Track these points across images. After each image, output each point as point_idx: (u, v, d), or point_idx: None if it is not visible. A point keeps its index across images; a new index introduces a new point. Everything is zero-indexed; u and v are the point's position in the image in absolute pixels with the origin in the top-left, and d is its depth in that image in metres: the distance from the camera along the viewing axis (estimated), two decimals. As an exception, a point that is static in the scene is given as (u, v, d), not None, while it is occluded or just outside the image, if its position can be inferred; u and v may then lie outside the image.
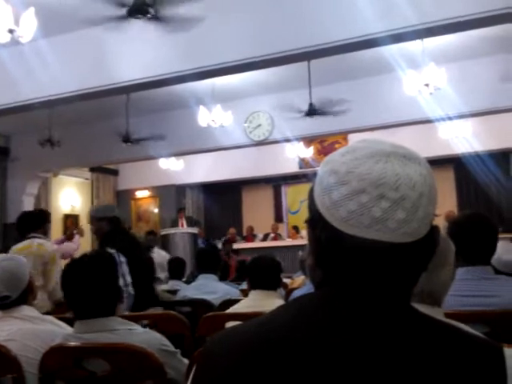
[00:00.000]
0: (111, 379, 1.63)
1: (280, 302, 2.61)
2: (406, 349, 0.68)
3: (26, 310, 2.04)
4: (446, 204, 10.29)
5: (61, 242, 5.80)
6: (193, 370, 0.79)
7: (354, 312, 0.71)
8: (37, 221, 4.21)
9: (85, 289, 1.76)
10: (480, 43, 6.48)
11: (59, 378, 1.74)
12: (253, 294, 2.75)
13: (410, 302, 0.75)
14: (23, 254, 3.90)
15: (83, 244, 11.93)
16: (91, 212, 4.03)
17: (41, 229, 4.14)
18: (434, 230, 0.76)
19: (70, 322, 1.97)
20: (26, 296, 2.09)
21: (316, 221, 0.76)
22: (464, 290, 1.80)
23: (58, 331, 1.93)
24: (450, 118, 7.58)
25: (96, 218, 3.83)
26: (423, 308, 0.78)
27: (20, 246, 4.00)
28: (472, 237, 1.87)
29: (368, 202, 0.70)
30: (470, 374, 0.67)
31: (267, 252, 5.68)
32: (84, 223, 12.05)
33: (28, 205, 9.57)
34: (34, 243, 4.02)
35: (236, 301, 2.93)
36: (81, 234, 6.14)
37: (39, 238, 4.09)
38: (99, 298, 1.77)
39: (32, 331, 1.95)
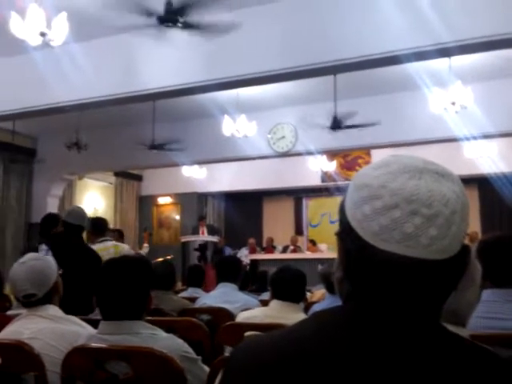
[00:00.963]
0: (133, 382, 1.65)
1: (302, 315, 2.59)
2: (434, 368, 0.67)
3: (51, 310, 2.07)
4: (470, 225, 10.12)
5: None
6: (218, 378, 0.80)
7: (380, 328, 0.71)
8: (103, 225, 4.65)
9: (119, 290, 1.78)
10: (508, 63, 6.43)
11: (81, 378, 1.76)
12: (274, 303, 2.71)
13: (439, 321, 0.75)
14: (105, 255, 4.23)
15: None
16: (66, 215, 4.11)
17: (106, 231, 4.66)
18: (465, 248, 0.76)
19: (94, 324, 2.00)
20: (51, 295, 2.12)
21: (346, 233, 0.76)
22: (489, 312, 1.78)
23: (81, 332, 1.96)
24: (475, 138, 7.51)
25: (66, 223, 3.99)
26: (448, 327, 0.78)
27: (97, 247, 4.32)
28: (501, 258, 1.85)
29: (400, 217, 0.70)
30: None
31: (286, 264, 5.65)
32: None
33: (52, 206, 9.71)
34: (108, 245, 4.42)
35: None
36: None
37: (110, 240, 4.57)
38: (130, 301, 1.78)
39: (56, 331, 1.98)
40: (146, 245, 11.42)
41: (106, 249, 4.35)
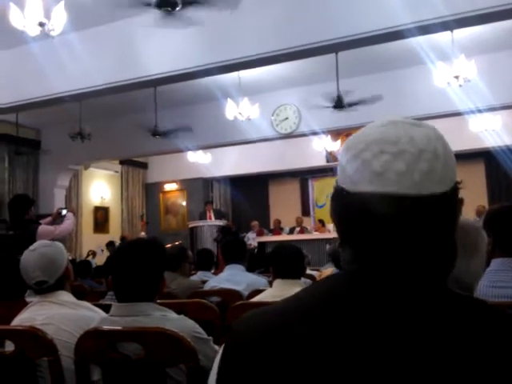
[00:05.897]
0: (145, 363, 1.67)
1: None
2: (442, 328, 0.67)
3: (63, 296, 2.10)
4: (477, 198, 10.12)
5: (50, 222, 5.48)
6: (221, 349, 0.80)
7: (384, 289, 0.71)
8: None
9: (133, 272, 1.80)
10: (511, 35, 6.36)
11: (94, 361, 1.78)
12: (277, 282, 2.75)
13: (444, 280, 0.74)
14: None
15: (117, 230, 12.05)
16: None
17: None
18: (453, 189, 0.75)
19: (106, 309, 2.02)
20: (62, 281, 2.14)
21: (336, 195, 0.78)
22: (498, 281, 1.78)
23: (93, 316, 1.98)
24: (479, 111, 7.46)
25: None
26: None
27: None
28: (510, 227, 1.85)
29: (369, 157, 0.73)
30: None
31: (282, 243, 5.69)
32: (113, 215, 12.26)
33: (59, 197, 9.77)
34: None
35: (264, 291, 2.95)
36: (73, 211, 5.84)
37: None
38: (145, 283, 1.81)
39: (68, 316, 2.00)
40: (142, 233, 11.33)
41: None
